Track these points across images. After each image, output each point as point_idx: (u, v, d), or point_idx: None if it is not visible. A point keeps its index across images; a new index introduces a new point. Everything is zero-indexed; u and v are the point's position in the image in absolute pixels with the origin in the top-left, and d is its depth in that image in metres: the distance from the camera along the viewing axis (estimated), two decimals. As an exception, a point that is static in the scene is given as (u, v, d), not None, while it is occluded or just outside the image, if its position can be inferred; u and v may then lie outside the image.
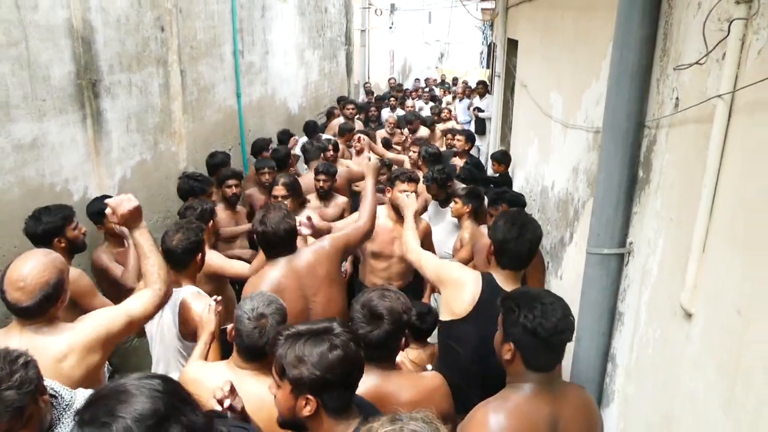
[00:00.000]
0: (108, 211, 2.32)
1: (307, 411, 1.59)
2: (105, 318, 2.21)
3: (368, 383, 2.08)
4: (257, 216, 2.86)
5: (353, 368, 1.65)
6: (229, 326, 2.22)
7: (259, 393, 1.96)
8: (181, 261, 2.82)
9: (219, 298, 2.58)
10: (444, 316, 2.60)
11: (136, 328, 2.36)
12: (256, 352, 2.10)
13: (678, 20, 2.10)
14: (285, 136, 6.69)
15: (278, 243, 2.80)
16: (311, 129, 7.24)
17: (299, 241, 3.04)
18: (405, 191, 3.68)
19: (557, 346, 1.88)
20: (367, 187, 3.32)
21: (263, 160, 5.29)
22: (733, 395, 1.55)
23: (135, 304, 2.27)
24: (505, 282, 2.52)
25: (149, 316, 2.33)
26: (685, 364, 1.85)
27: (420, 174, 4.86)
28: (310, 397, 1.59)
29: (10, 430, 1.63)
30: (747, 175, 1.57)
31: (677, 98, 2.06)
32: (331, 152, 5.73)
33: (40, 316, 2.09)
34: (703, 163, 1.75)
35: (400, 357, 2.83)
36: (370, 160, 3.45)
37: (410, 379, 2.17)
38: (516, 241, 2.48)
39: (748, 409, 1.48)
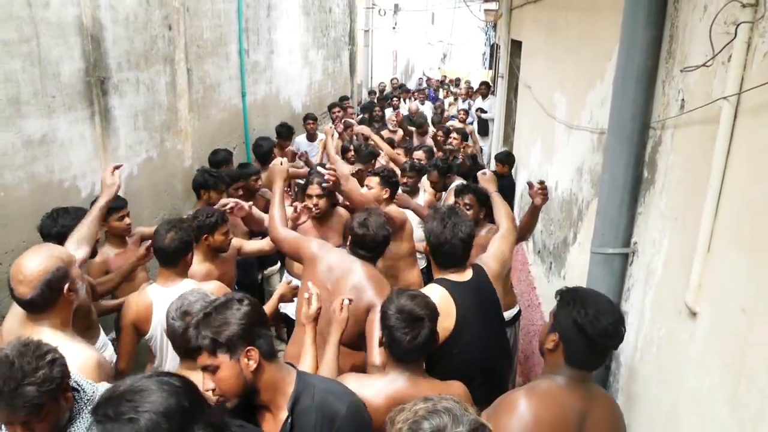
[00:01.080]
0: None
1: (252, 364, 1.72)
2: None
3: (395, 386, 2.11)
4: (358, 217, 2.87)
5: (263, 312, 1.86)
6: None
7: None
8: (172, 259, 2.89)
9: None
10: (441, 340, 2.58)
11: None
12: (190, 351, 2.15)
13: (684, 23, 2.13)
14: (284, 129, 6.71)
15: (373, 248, 2.83)
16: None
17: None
18: (369, 186, 3.78)
19: (602, 349, 1.91)
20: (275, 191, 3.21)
21: (245, 165, 5.29)
22: (737, 395, 1.58)
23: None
24: (456, 275, 2.56)
25: None
26: (690, 363, 1.87)
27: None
28: (249, 347, 1.72)
29: (26, 424, 1.66)
30: (753, 176, 1.60)
31: (683, 100, 2.08)
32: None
33: (48, 309, 2.11)
34: (709, 164, 1.77)
35: None
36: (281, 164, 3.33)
37: (437, 387, 2.16)
38: (450, 242, 2.53)
39: (752, 408, 1.50)
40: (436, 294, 2.48)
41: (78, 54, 3.78)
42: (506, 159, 6.18)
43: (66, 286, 2.13)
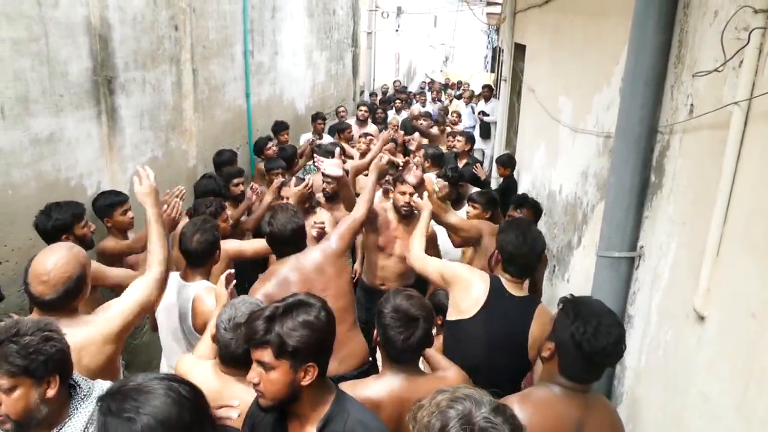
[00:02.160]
0: (135, 178, 2.54)
1: (308, 379, 1.67)
2: (120, 309, 2.24)
3: (393, 386, 2.11)
4: (265, 217, 2.97)
5: (333, 328, 1.77)
6: (212, 330, 2.28)
7: (244, 397, 1.97)
8: (200, 260, 2.89)
9: (232, 271, 2.63)
10: (451, 316, 2.62)
11: (145, 313, 2.44)
12: (235, 360, 2.15)
13: (693, 28, 2.14)
14: (280, 128, 6.69)
15: (286, 242, 2.91)
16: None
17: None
18: (403, 192, 3.75)
19: (598, 366, 1.88)
20: (368, 182, 3.47)
21: (273, 160, 5.31)
22: (746, 399, 1.58)
23: (143, 292, 2.31)
24: (511, 286, 2.54)
25: (156, 300, 2.40)
26: (698, 366, 1.88)
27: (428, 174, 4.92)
28: (311, 363, 1.66)
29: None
30: (763, 180, 1.61)
31: (692, 104, 2.10)
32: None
33: (62, 309, 2.13)
34: (719, 169, 1.78)
35: None
36: (381, 159, 3.54)
37: (434, 382, 2.15)
38: (527, 256, 2.52)
39: (761, 412, 1.51)
40: (480, 282, 2.53)
41: (86, 53, 3.79)
42: (508, 162, 6.17)
43: (82, 291, 2.17)
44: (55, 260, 2.11)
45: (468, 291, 2.55)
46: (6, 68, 3.18)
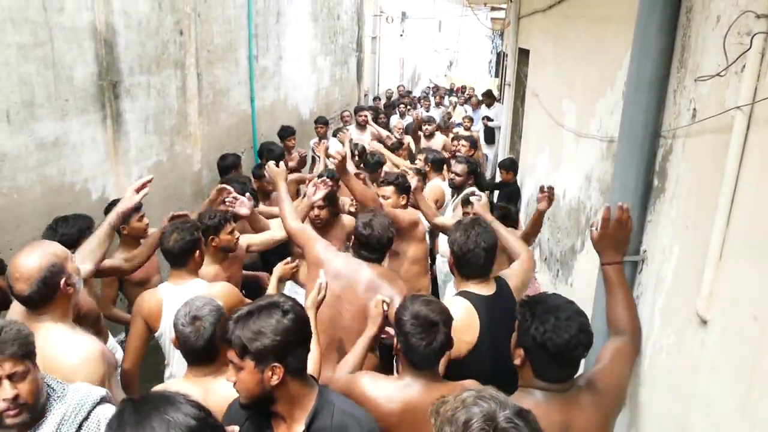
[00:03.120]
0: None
1: (275, 380, 1.69)
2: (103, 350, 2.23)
3: (411, 392, 2.11)
4: (363, 218, 2.91)
5: (306, 326, 1.79)
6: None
7: (226, 396, 1.97)
8: (180, 260, 2.91)
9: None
10: (461, 351, 2.50)
11: None
12: (198, 355, 2.17)
13: (696, 33, 2.14)
14: (286, 133, 6.73)
15: (378, 250, 2.87)
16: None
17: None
18: (384, 196, 3.78)
19: (568, 361, 1.85)
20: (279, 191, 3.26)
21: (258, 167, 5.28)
22: (749, 402, 1.58)
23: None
24: (477, 287, 2.56)
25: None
26: (701, 371, 1.87)
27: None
28: (276, 364, 1.68)
29: (12, 377, 1.69)
30: (765, 184, 1.61)
31: (694, 109, 2.10)
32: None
33: (47, 304, 2.14)
34: (721, 173, 1.78)
35: None
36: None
37: (453, 391, 2.16)
38: (473, 252, 2.53)
39: (764, 416, 1.51)
40: (460, 307, 2.48)
41: (91, 58, 3.82)
42: (510, 166, 6.18)
43: (62, 280, 2.16)
44: (25, 255, 2.14)
45: (465, 326, 2.46)
46: (11, 73, 3.20)
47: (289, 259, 3.22)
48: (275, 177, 3.29)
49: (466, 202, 3.90)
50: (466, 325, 2.36)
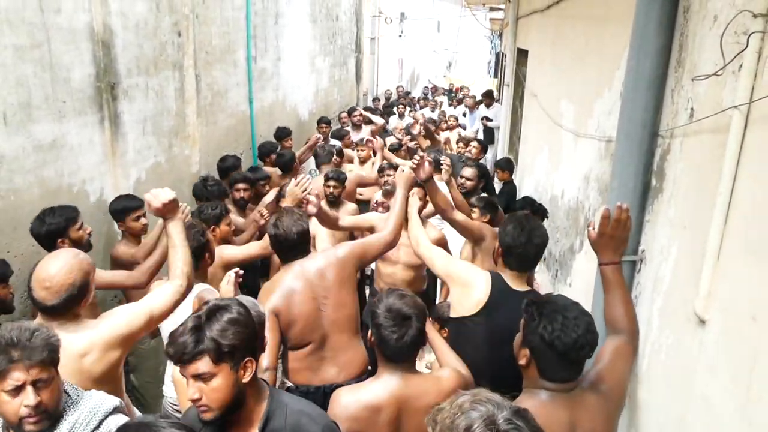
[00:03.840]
0: (146, 204, 2.47)
1: (249, 375, 1.71)
2: (126, 316, 2.25)
3: (390, 386, 2.12)
4: (271, 220, 2.96)
5: (256, 321, 1.82)
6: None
7: None
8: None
9: (240, 271, 2.66)
10: (454, 314, 2.63)
11: (156, 324, 2.40)
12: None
13: (693, 32, 2.14)
14: (283, 134, 6.74)
15: (292, 246, 2.88)
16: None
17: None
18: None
19: (574, 361, 1.85)
20: (397, 197, 3.18)
21: (257, 170, 5.29)
22: (747, 402, 1.58)
23: (156, 301, 2.32)
24: (513, 281, 2.57)
25: (169, 312, 2.37)
26: (699, 370, 1.87)
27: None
28: (249, 358, 1.71)
29: (37, 384, 1.68)
30: (763, 183, 1.60)
31: (692, 108, 2.09)
32: (336, 158, 5.77)
33: (65, 314, 2.15)
34: (719, 172, 1.78)
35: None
36: (403, 171, 3.31)
37: (430, 382, 2.20)
38: (524, 246, 2.54)
39: (763, 415, 1.50)
40: (482, 279, 2.54)
41: (88, 59, 3.81)
42: (506, 165, 6.14)
43: (86, 297, 2.18)
44: (59, 266, 2.14)
45: (470, 290, 2.56)
46: (8, 74, 3.20)
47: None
48: (402, 182, 3.22)
49: (487, 208, 3.96)
50: (472, 289, 2.47)
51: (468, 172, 4.64)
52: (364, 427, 2.09)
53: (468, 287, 2.57)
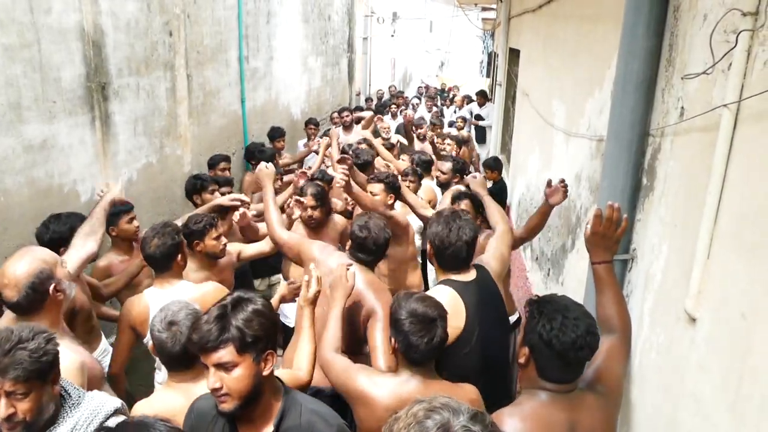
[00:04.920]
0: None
1: (269, 368, 1.72)
2: (81, 354, 2.21)
3: (409, 389, 2.10)
4: (359, 221, 2.87)
5: (277, 315, 1.84)
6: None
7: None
8: (163, 264, 2.87)
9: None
10: (451, 338, 2.55)
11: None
12: (176, 361, 2.14)
13: (683, 32, 2.15)
14: (276, 134, 6.74)
15: (373, 252, 2.82)
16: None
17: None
18: (372, 192, 3.78)
19: (572, 362, 1.83)
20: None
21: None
22: (738, 397, 1.59)
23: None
24: (457, 275, 2.56)
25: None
26: (690, 368, 1.88)
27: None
28: (270, 351, 1.71)
29: (11, 395, 1.65)
30: (752, 182, 1.61)
31: (682, 107, 2.10)
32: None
33: (36, 310, 2.12)
34: (709, 171, 1.79)
35: None
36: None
37: (449, 390, 2.15)
38: (454, 245, 2.53)
39: (753, 413, 1.51)
40: (446, 294, 2.48)
41: (79, 59, 3.79)
42: (494, 165, 6.12)
43: (51, 287, 2.14)
44: (14, 261, 2.13)
45: (452, 313, 2.40)
46: (-2, 75, 3.18)
47: (293, 279, 3.14)
48: (263, 179, 3.25)
49: (454, 199, 3.89)
50: (452, 311, 2.36)
51: (444, 166, 4.68)
52: (363, 411, 2.12)
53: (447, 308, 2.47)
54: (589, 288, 2.66)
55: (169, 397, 2.12)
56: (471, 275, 2.60)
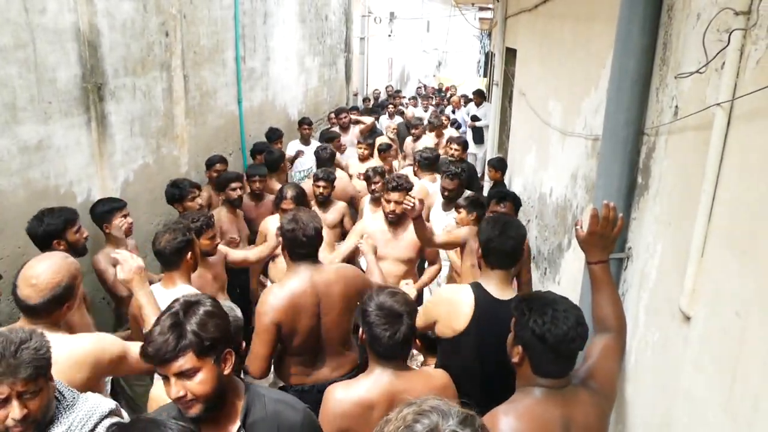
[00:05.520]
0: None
1: (229, 366, 1.72)
2: (100, 344, 2.20)
3: (382, 381, 2.15)
4: (286, 216, 2.88)
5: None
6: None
7: None
8: (172, 261, 2.88)
9: None
10: (444, 335, 2.60)
11: (127, 369, 2.34)
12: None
13: (677, 31, 2.15)
14: (275, 135, 6.75)
15: (305, 244, 2.81)
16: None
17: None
18: (389, 200, 3.86)
19: (566, 354, 1.86)
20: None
21: (255, 166, 5.33)
22: (732, 395, 1.59)
23: (135, 347, 2.28)
24: (495, 287, 2.56)
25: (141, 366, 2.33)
26: (685, 365, 1.88)
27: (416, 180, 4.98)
28: (228, 349, 1.72)
29: (23, 396, 1.65)
30: (746, 181, 1.62)
31: (676, 106, 2.11)
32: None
33: (47, 317, 2.13)
34: (702, 169, 1.79)
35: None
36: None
37: (420, 376, 2.23)
38: (499, 239, 2.55)
39: (746, 410, 1.52)
40: (465, 295, 2.53)
41: (74, 60, 3.79)
42: (499, 165, 6.14)
43: (70, 301, 2.17)
44: (47, 265, 2.14)
45: (457, 308, 2.54)
46: (-7, 75, 3.17)
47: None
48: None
49: (500, 200, 4.01)
50: (456, 314, 2.42)
51: (449, 184, 4.68)
52: (356, 423, 2.10)
53: (454, 305, 2.56)
54: (584, 287, 2.66)
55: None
56: (508, 294, 2.57)
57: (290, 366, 2.88)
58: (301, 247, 2.81)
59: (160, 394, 2.02)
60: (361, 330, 2.21)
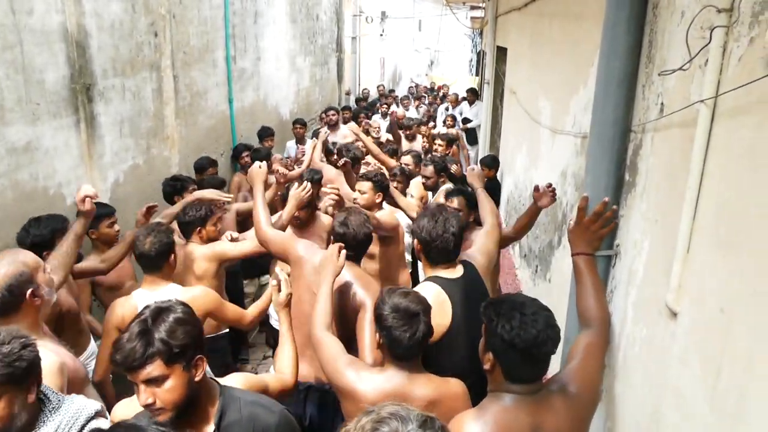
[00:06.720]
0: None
1: (200, 373, 1.71)
2: (59, 352, 2.17)
3: (394, 381, 2.12)
4: (338, 217, 2.88)
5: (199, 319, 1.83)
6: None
7: None
8: (155, 264, 2.87)
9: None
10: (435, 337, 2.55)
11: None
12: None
13: (662, 29, 2.16)
14: (265, 134, 6.75)
15: (355, 247, 2.81)
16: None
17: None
18: (360, 191, 3.82)
19: (537, 358, 1.83)
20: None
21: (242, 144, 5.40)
22: (716, 392, 1.60)
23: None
24: (445, 271, 2.56)
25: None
26: (672, 361, 1.89)
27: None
28: (199, 356, 1.71)
29: None
30: (730, 177, 1.62)
31: (662, 103, 2.12)
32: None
33: (12, 313, 2.09)
34: (687, 166, 1.80)
35: None
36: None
37: (435, 382, 2.17)
38: (441, 238, 2.53)
39: (731, 405, 1.53)
40: (431, 291, 2.48)
41: (63, 61, 3.77)
42: (492, 163, 6.19)
43: (29, 291, 2.11)
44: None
45: (436, 309, 2.42)
46: (-21, 77, 3.15)
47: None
48: (255, 178, 3.22)
49: (448, 196, 3.91)
50: (438, 309, 2.37)
51: (426, 171, 4.71)
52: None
53: (433, 304, 2.46)
54: (575, 284, 2.67)
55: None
56: (458, 272, 2.60)
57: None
58: (348, 249, 2.76)
59: (124, 413, 1.95)
60: (378, 334, 2.17)
